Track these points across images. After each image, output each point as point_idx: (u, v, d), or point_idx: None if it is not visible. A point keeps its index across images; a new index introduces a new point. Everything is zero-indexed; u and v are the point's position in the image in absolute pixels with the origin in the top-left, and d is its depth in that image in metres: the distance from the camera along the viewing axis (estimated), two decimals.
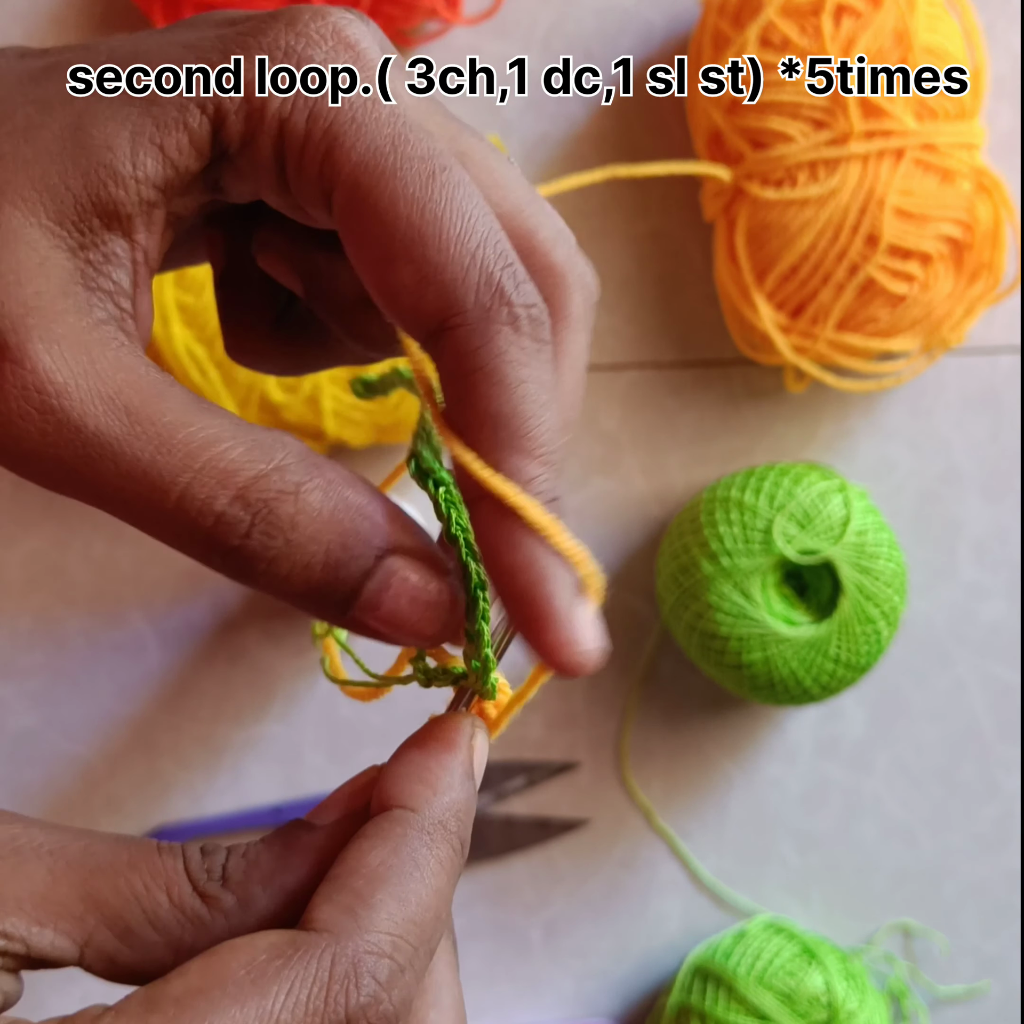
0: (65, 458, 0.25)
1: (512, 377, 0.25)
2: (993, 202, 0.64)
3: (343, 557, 0.26)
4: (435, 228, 0.25)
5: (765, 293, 0.63)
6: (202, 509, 0.26)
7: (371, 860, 0.26)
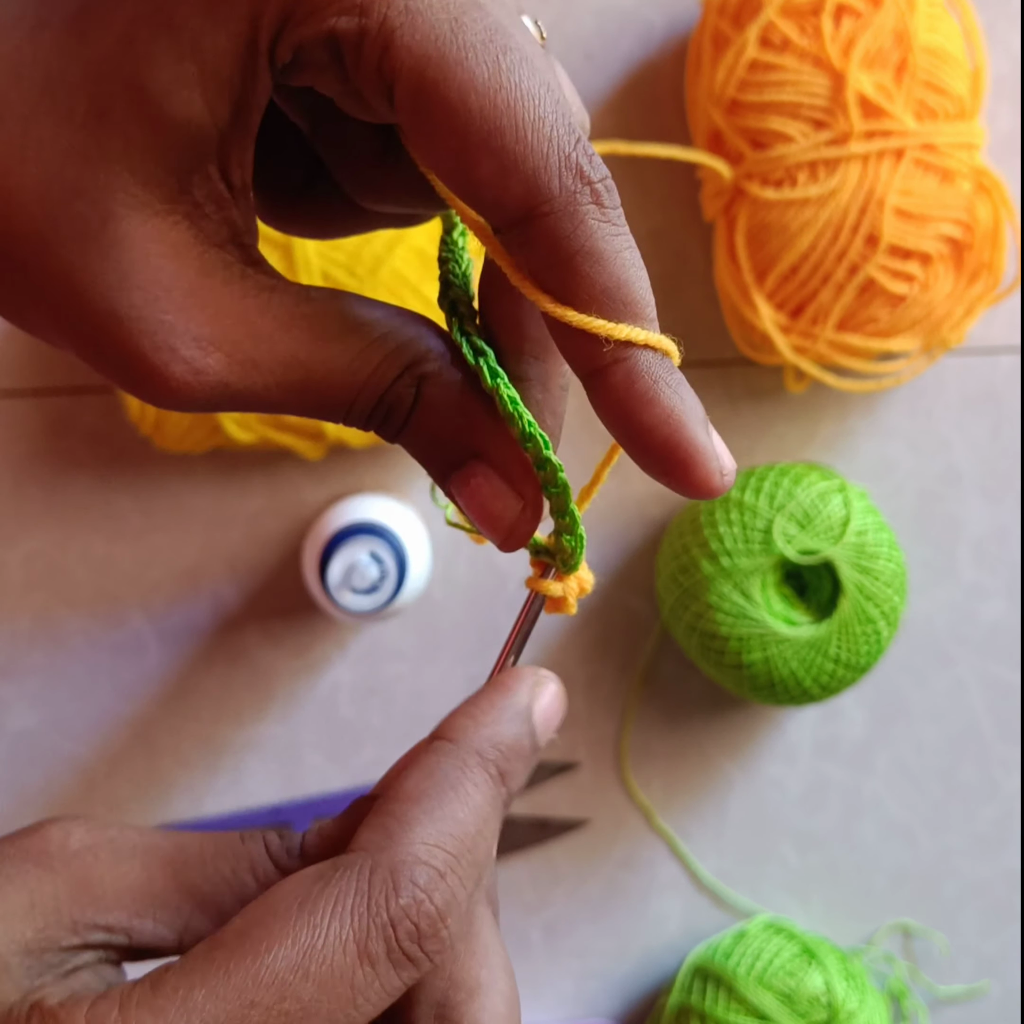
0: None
1: (610, 251, 0.26)
2: (993, 202, 0.64)
3: (441, 448, 0.28)
4: (510, 117, 0.25)
5: (765, 293, 0.63)
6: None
7: (407, 786, 0.28)
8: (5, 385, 0.69)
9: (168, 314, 0.26)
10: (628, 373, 0.26)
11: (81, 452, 0.69)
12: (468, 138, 0.25)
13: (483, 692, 0.30)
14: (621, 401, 0.27)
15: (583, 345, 0.26)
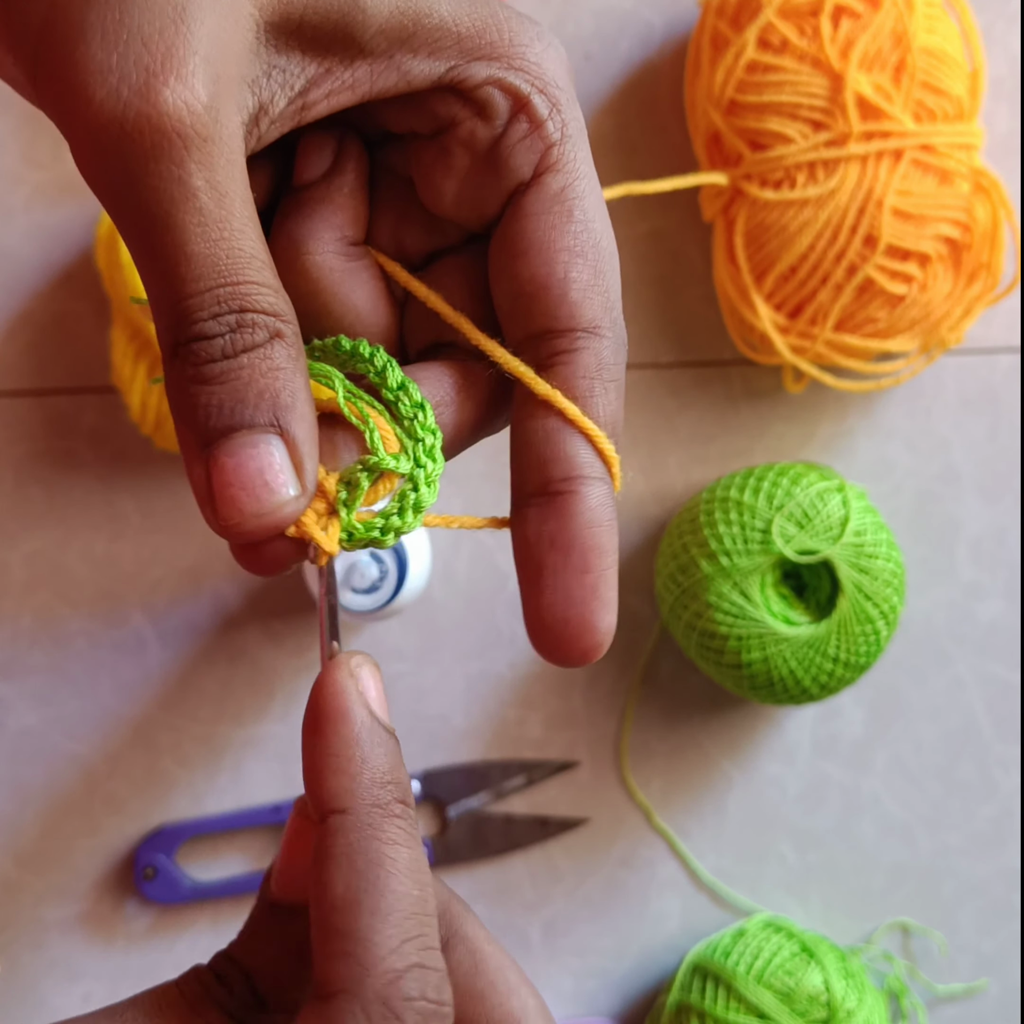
0: (136, 173, 0.25)
1: (596, 394, 0.30)
2: (991, 203, 0.64)
3: (253, 400, 0.26)
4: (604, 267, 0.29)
5: (764, 294, 0.63)
6: (209, 277, 0.26)
7: (336, 889, 0.26)
8: (5, 385, 0.69)
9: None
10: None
11: (82, 452, 0.69)
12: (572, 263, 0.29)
13: (326, 733, 0.27)
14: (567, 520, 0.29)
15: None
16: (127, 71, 0.25)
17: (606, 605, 0.28)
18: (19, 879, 0.70)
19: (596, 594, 0.28)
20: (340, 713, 0.27)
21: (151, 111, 0.25)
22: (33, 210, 0.68)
